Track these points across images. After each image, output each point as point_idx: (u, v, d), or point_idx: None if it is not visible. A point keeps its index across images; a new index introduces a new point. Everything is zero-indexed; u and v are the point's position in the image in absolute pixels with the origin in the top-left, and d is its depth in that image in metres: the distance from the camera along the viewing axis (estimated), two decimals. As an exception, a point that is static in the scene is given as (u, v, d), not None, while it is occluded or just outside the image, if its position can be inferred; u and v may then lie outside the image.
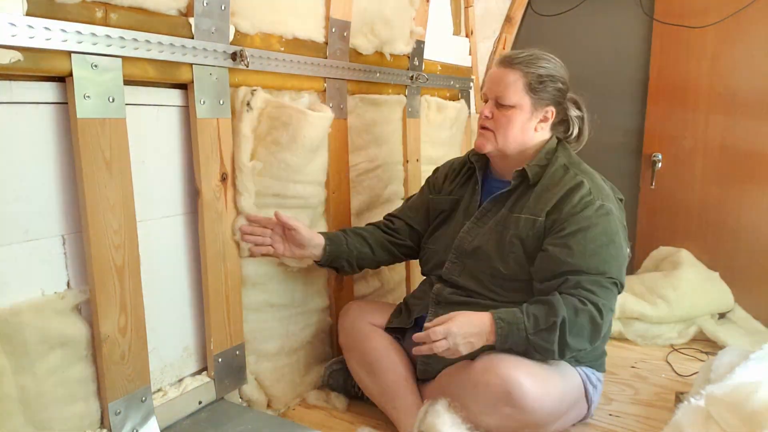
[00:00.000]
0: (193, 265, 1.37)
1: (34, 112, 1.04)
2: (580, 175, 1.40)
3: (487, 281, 1.42)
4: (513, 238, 1.39)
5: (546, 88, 1.41)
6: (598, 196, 1.36)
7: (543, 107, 1.43)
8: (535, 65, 1.41)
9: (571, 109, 1.48)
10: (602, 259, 1.31)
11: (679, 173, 2.33)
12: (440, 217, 1.59)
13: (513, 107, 1.41)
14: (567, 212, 1.34)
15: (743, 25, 2.13)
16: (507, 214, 1.43)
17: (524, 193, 1.43)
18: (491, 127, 1.44)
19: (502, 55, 1.47)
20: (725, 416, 1.07)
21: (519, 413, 1.25)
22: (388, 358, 1.50)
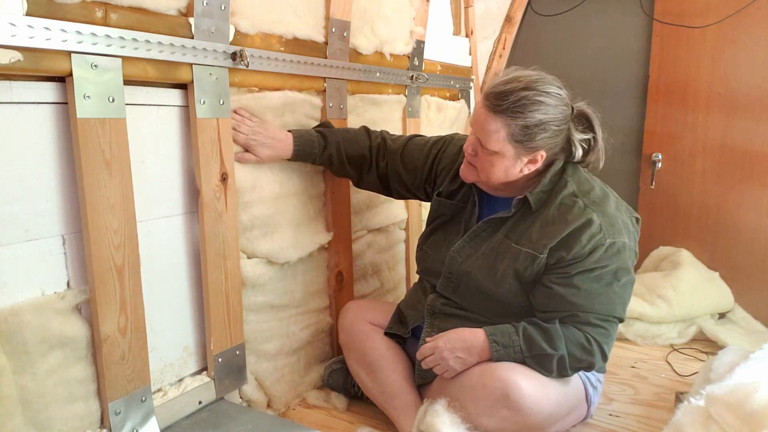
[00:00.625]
0: (193, 265, 1.37)
1: (34, 112, 1.03)
2: (589, 207, 1.28)
3: (480, 304, 1.40)
4: (509, 270, 1.33)
5: (534, 138, 1.26)
6: (608, 233, 1.27)
7: (530, 153, 1.28)
8: (521, 114, 1.24)
9: (574, 132, 1.31)
10: (609, 299, 1.29)
11: (679, 173, 2.33)
12: (439, 219, 1.53)
13: (495, 152, 1.28)
14: (575, 253, 1.26)
15: (743, 25, 2.13)
16: (502, 239, 1.36)
17: (523, 218, 1.34)
18: (474, 164, 1.34)
19: (489, 90, 1.28)
20: (725, 416, 1.07)
21: (517, 415, 1.25)
22: (388, 358, 1.50)
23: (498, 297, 1.36)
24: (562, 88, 1.30)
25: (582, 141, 1.32)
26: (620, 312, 1.32)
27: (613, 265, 1.28)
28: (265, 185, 1.48)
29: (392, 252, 2.04)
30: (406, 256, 2.11)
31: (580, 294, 1.27)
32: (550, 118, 1.25)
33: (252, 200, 1.45)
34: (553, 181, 1.33)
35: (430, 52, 2.12)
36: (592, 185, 1.36)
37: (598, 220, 1.27)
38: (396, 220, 2.02)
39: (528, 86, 1.25)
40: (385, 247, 2.00)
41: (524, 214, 1.35)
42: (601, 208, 1.30)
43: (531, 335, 1.29)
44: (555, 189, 1.33)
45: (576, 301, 1.27)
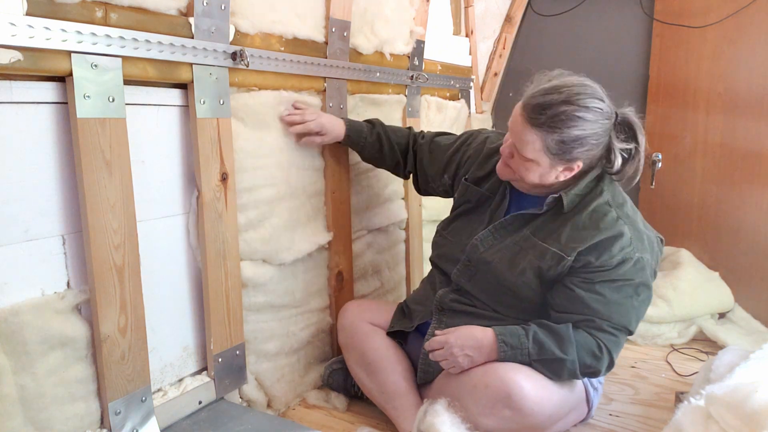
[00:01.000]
0: (193, 265, 1.37)
1: (34, 112, 1.03)
2: (622, 219, 1.28)
3: (494, 295, 1.40)
4: (531, 265, 1.32)
5: (570, 152, 1.24)
6: (637, 248, 1.28)
7: (566, 163, 1.27)
8: (559, 129, 1.21)
9: (615, 141, 1.26)
10: (627, 311, 1.29)
11: (679, 173, 2.33)
12: (464, 206, 1.51)
13: (530, 160, 1.27)
14: (604, 261, 1.26)
15: (743, 25, 2.13)
16: (528, 235, 1.35)
17: (553, 218, 1.33)
18: (511, 165, 1.33)
19: (529, 99, 1.25)
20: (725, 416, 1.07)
21: (518, 416, 1.25)
22: (388, 358, 1.50)
23: (514, 290, 1.36)
24: (604, 100, 1.26)
25: (623, 150, 1.28)
26: (634, 325, 1.32)
27: (637, 279, 1.29)
28: (263, 186, 1.48)
29: (392, 252, 2.04)
30: (407, 256, 2.11)
31: (601, 301, 1.28)
32: (589, 134, 1.23)
33: (249, 202, 1.45)
34: (588, 186, 1.33)
35: (430, 52, 2.12)
36: (625, 199, 1.36)
37: (630, 233, 1.28)
38: (396, 220, 2.02)
39: (568, 100, 1.22)
40: (385, 247, 2.00)
41: (555, 214, 1.34)
42: (632, 222, 1.30)
43: (541, 340, 1.28)
44: (590, 195, 1.32)
45: (596, 307, 1.28)
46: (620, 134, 1.28)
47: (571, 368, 1.28)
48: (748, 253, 2.20)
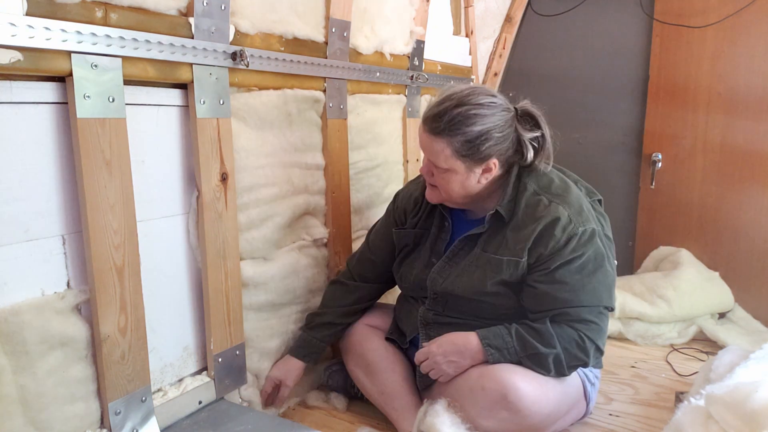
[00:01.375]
0: (193, 265, 1.37)
1: (34, 112, 1.03)
2: (554, 201, 1.30)
3: (472, 311, 1.40)
4: (493, 280, 1.33)
5: (479, 149, 1.27)
6: (578, 222, 1.28)
7: (481, 163, 1.30)
8: (460, 130, 1.26)
9: (522, 132, 1.31)
10: (593, 288, 1.29)
11: (679, 173, 2.33)
12: (405, 250, 1.53)
13: (447, 170, 1.31)
14: (552, 248, 1.27)
15: (743, 25, 2.13)
16: (480, 253, 1.37)
17: (498, 229, 1.35)
18: (434, 183, 1.36)
19: (426, 114, 1.31)
20: (725, 416, 1.07)
21: (516, 417, 1.25)
22: (387, 359, 1.50)
23: (487, 304, 1.37)
24: (496, 95, 1.31)
25: (532, 140, 1.32)
26: (607, 300, 1.31)
27: (589, 252, 1.29)
28: (264, 185, 1.48)
29: (392, 252, 2.04)
30: (406, 256, 2.11)
31: (565, 288, 1.28)
32: (490, 127, 1.27)
33: (251, 201, 1.45)
34: (515, 187, 1.35)
35: (430, 52, 2.12)
36: (550, 178, 1.37)
37: (566, 212, 1.29)
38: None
39: (460, 102, 1.27)
40: (385, 247, 1.99)
41: (497, 226, 1.36)
42: (565, 200, 1.31)
43: (524, 336, 1.29)
44: (518, 195, 1.35)
45: (562, 296, 1.28)
46: (525, 125, 1.32)
47: (558, 361, 1.28)
48: (748, 253, 2.20)
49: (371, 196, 1.91)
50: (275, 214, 1.51)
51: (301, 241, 1.64)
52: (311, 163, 1.63)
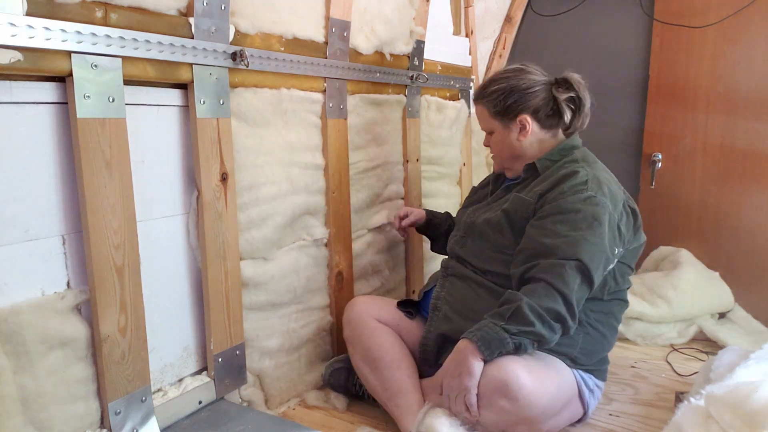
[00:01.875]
0: (193, 265, 1.37)
1: (34, 112, 1.04)
2: (585, 168, 1.40)
3: (481, 257, 1.47)
4: (501, 211, 1.44)
5: (506, 105, 1.47)
6: (593, 189, 1.34)
7: (512, 121, 1.48)
8: (488, 90, 1.49)
9: (557, 94, 1.46)
10: (575, 241, 1.27)
11: (679, 173, 2.33)
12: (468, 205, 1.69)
13: (491, 133, 1.53)
14: (556, 193, 1.35)
15: (743, 25, 2.13)
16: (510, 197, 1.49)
17: (530, 181, 1.48)
18: (493, 152, 1.58)
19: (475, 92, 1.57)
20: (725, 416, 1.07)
21: (514, 406, 1.25)
22: (393, 355, 1.50)
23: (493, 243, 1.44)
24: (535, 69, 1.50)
25: (567, 101, 1.46)
26: (584, 256, 1.26)
27: (585, 212, 1.30)
28: (264, 184, 1.48)
29: (392, 252, 2.04)
30: (406, 256, 2.11)
31: (547, 234, 1.30)
32: (515, 84, 1.46)
33: (251, 200, 1.45)
34: (561, 153, 1.48)
35: (430, 52, 2.12)
36: (595, 160, 1.49)
37: (586, 176, 1.37)
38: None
39: (497, 73, 1.53)
40: (385, 247, 2.00)
41: (532, 179, 1.48)
42: (593, 171, 1.39)
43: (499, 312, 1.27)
44: (562, 159, 1.46)
45: (542, 240, 1.30)
46: (560, 88, 1.47)
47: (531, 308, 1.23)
48: (748, 253, 2.20)
49: (371, 196, 1.91)
50: (275, 213, 1.51)
51: (301, 241, 1.64)
52: (310, 162, 1.63)
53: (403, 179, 2.05)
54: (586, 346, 1.42)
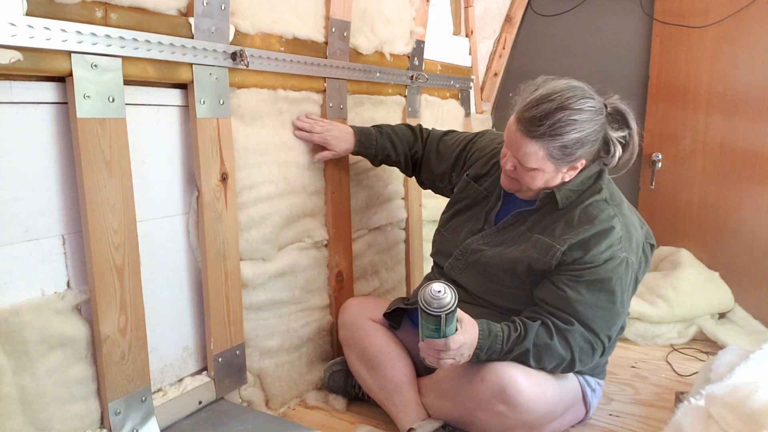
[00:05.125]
0: (193, 265, 1.37)
1: (34, 112, 1.04)
2: (618, 217, 1.30)
3: (484, 288, 1.41)
4: (523, 257, 1.32)
5: (573, 154, 1.26)
6: (625, 248, 1.28)
7: (571, 164, 1.28)
8: (560, 135, 1.23)
9: (611, 132, 1.30)
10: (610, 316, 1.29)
11: (679, 173, 2.33)
12: (461, 203, 1.52)
13: (535, 169, 1.28)
14: (592, 256, 1.26)
15: (743, 25, 2.13)
16: (524, 231, 1.37)
17: (549, 213, 1.35)
18: (515, 177, 1.33)
19: (523, 113, 1.25)
20: (725, 416, 1.07)
21: (512, 411, 1.25)
22: (388, 354, 1.50)
23: (500, 283, 1.37)
24: (594, 97, 1.28)
25: (620, 138, 1.31)
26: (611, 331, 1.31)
27: (620, 280, 1.28)
28: (262, 183, 1.48)
29: (392, 252, 2.04)
30: (406, 256, 2.11)
31: (583, 302, 1.27)
32: (587, 133, 1.25)
33: (250, 200, 1.45)
34: (585, 183, 1.34)
35: (430, 52, 2.12)
36: (622, 199, 1.38)
37: (621, 232, 1.28)
38: (396, 219, 2.02)
39: (562, 106, 1.23)
40: (385, 247, 2.00)
41: (550, 209, 1.35)
42: (626, 222, 1.32)
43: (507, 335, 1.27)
44: (587, 191, 1.34)
45: (578, 307, 1.27)
46: (614, 124, 1.31)
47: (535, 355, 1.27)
48: (748, 253, 2.20)
49: (371, 196, 1.91)
50: (273, 212, 1.51)
51: (301, 242, 1.64)
52: (308, 162, 1.63)
53: (404, 179, 2.05)
54: None
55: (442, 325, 1.15)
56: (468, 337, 1.21)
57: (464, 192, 1.53)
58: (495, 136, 1.61)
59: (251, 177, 1.45)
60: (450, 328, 1.17)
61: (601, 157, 1.34)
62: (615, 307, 1.29)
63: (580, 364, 1.30)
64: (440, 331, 1.17)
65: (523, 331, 1.27)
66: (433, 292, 1.12)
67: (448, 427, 1.40)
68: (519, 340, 1.26)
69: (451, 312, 1.14)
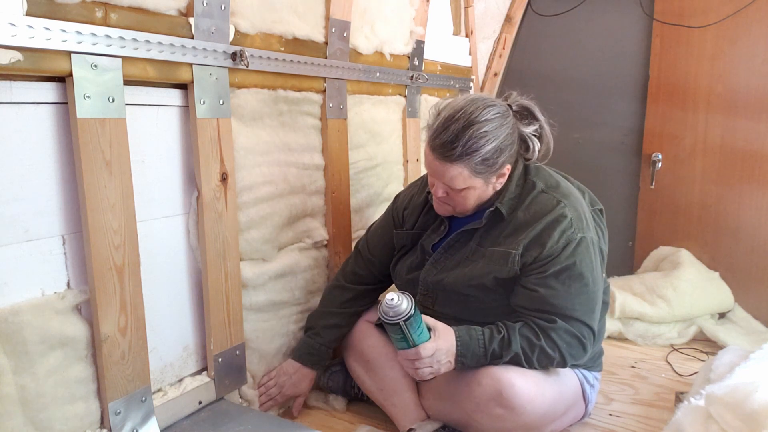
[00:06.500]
0: (193, 265, 1.37)
1: (34, 112, 1.04)
2: (561, 202, 1.31)
3: (460, 309, 1.39)
4: (486, 273, 1.32)
5: (496, 162, 1.27)
6: (578, 228, 1.29)
7: (497, 172, 1.30)
8: (476, 152, 1.23)
9: (524, 129, 1.32)
10: (584, 301, 1.29)
11: (679, 173, 2.33)
12: (402, 250, 1.53)
13: (465, 188, 1.29)
14: (549, 250, 1.27)
15: (743, 25, 2.13)
16: (475, 248, 1.37)
17: (494, 226, 1.36)
18: (448, 203, 1.35)
19: (434, 140, 1.26)
20: (725, 416, 1.07)
21: (510, 414, 1.25)
22: (386, 355, 1.50)
23: (475, 299, 1.36)
24: (496, 103, 1.29)
25: (533, 132, 1.33)
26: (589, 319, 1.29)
27: (585, 261, 1.28)
28: (262, 184, 1.48)
29: (392, 252, 2.04)
30: (406, 256, 2.11)
31: (558, 295, 1.27)
32: (502, 139, 1.26)
33: (250, 200, 1.45)
34: (519, 185, 1.36)
35: (430, 52, 2.12)
36: (557, 180, 1.38)
37: (570, 214, 1.30)
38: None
39: (469, 122, 1.24)
40: (385, 247, 1.99)
41: (495, 222, 1.36)
42: (571, 203, 1.33)
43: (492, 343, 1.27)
44: (523, 192, 1.36)
45: (554, 301, 1.27)
46: (524, 120, 1.33)
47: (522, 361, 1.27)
48: (748, 253, 2.20)
49: (371, 195, 1.91)
50: (273, 212, 1.51)
51: (301, 243, 1.64)
52: (308, 162, 1.63)
53: (403, 179, 2.05)
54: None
55: (407, 333, 1.18)
56: (442, 342, 1.23)
57: (401, 241, 1.53)
58: (406, 189, 1.61)
59: (251, 177, 1.45)
60: (417, 336, 1.20)
61: (522, 155, 1.36)
62: (589, 289, 1.29)
63: (572, 359, 1.30)
64: (408, 340, 1.20)
65: (506, 332, 1.27)
66: (388, 302, 1.15)
67: (448, 428, 1.40)
68: (504, 343, 1.26)
69: (409, 318, 1.16)
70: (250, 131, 1.44)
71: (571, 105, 2.50)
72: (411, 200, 1.54)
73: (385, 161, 1.96)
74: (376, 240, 1.60)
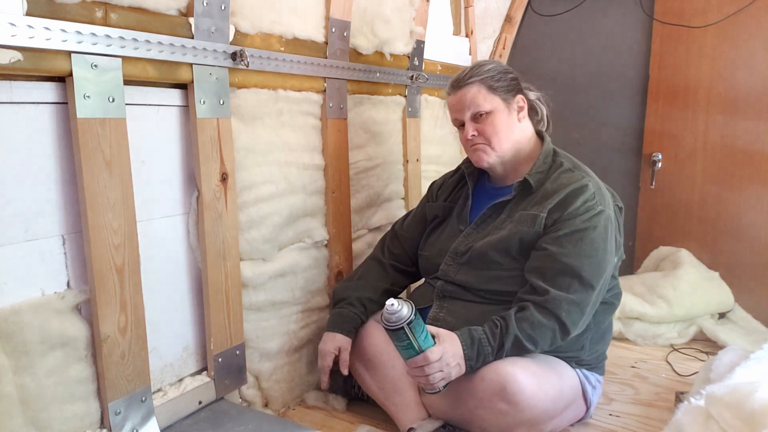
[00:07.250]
0: (193, 265, 1.37)
1: (34, 112, 1.04)
2: (586, 177, 1.40)
3: (483, 277, 1.42)
4: (513, 236, 1.38)
5: (504, 82, 1.44)
6: (600, 201, 1.37)
7: (512, 98, 1.45)
8: (483, 71, 1.44)
9: (530, 91, 1.52)
10: (593, 263, 1.32)
11: (679, 173, 2.33)
12: (435, 222, 1.61)
13: (490, 112, 1.42)
14: (569, 213, 1.34)
15: (743, 25, 2.13)
16: (505, 218, 1.44)
17: (523, 198, 1.44)
18: (482, 141, 1.44)
19: (449, 87, 1.48)
20: (725, 416, 1.07)
21: (513, 409, 1.25)
22: (387, 354, 1.50)
23: (498, 267, 1.39)
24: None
25: (538, 98, 1.53)
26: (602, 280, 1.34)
27: (599, 230, 1.34)
28: (262, 183, 1.48)
29: (392, 252, 2.04)
30: (406, 256, 2.11)
31: (570, 254, 1.31)
32: (505, 68, 1.47)
33: (250, 200, 1.45)
34: (546, 162, 1.46)
35: (430, 52, 2.12)
36: (586, 168, 1.48)
37: (593, 188, 1.38)
38: (396, 219, 2.01)
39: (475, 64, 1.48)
40: (385, 247, 1.99)
41: (524, 195, 1.44)
42: (595, 181, 1.42)
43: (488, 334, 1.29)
44: (551, 169, 1.45)
45: (567, 261, 1.30)
46: (527, 84, 1.52)
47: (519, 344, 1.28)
48: (748, 253, 2.20)
49: (371, 196, 1.91)
50: (273, 212, 1.51)
51: (301, 243, 1.64)
52: (308, 162, 1.63)
53: (404, 179, 2.05)
54: (592, 346, 1.43)
55: (412, 338, 1.19)
56: (448, 346, 1.25)
57: (432, 213, 1.63)
58: (434, 180, 1.73)
59: (251, 177, 1.45)
60: (423, 342, 1.21)
61: (534, 118, 1.53)
62: (599, 255, 1.33)
63: (574, 326, 1.31)
64: (414, 347, 1.21)
65: (502, 321, 1.29)
66: (388, 308, 1.17)
67: (449, 427, 1.40)
68: (504, 332, 1.27)
69: (413, 322, 1.17)
70: (251, 131, 1.44)
71: (571, 105, 2.50)
72: (444, 180, 1.68)
73: (385, 161, 1.96)
74: (410, 218, 1.69)
